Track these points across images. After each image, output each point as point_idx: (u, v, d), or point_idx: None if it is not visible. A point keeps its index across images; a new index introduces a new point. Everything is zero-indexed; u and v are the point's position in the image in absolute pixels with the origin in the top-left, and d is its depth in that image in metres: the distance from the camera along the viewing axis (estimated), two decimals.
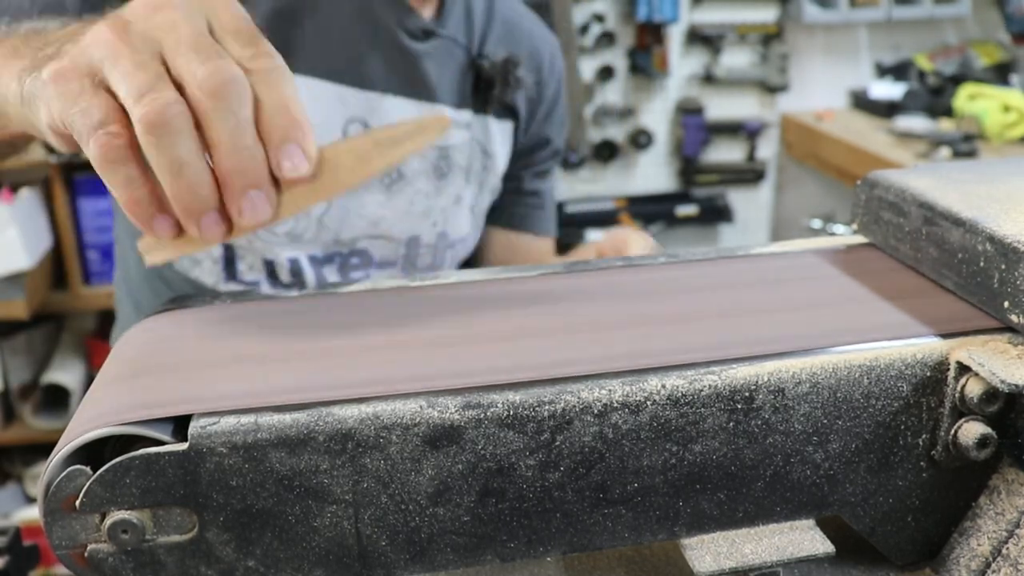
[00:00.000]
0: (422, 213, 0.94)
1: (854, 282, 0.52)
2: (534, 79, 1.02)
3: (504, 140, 1.02)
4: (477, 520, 0.42)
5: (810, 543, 0.44)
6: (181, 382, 0.42)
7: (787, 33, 2.72)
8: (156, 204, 0.42)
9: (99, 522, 0.39)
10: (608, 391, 0.41)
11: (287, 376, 0.42)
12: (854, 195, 0.59)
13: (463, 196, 0.98)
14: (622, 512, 0.43)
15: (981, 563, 0.45)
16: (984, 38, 2.84)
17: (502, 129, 1.01)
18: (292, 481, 0.40)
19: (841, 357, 0.43)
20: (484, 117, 0.98)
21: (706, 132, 2.72)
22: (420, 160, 0.92)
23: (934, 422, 0.45)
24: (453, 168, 0.95)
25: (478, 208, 1.02)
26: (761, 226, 2.93)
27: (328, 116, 0.87)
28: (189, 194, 0.41)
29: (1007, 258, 0.45)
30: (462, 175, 0.97)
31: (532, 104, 1.04)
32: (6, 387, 2.03)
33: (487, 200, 1.03)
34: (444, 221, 0.96)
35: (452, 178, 0.96)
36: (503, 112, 1.00)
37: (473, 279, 0.55)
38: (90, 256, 2.01)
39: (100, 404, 0.41)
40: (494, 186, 1.03)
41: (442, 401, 0.40)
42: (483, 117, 0.98)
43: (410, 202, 0.93)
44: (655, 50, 2.61)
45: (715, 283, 0.53)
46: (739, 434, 0.43)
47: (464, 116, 0.96)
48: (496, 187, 1.04)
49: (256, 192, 0.42)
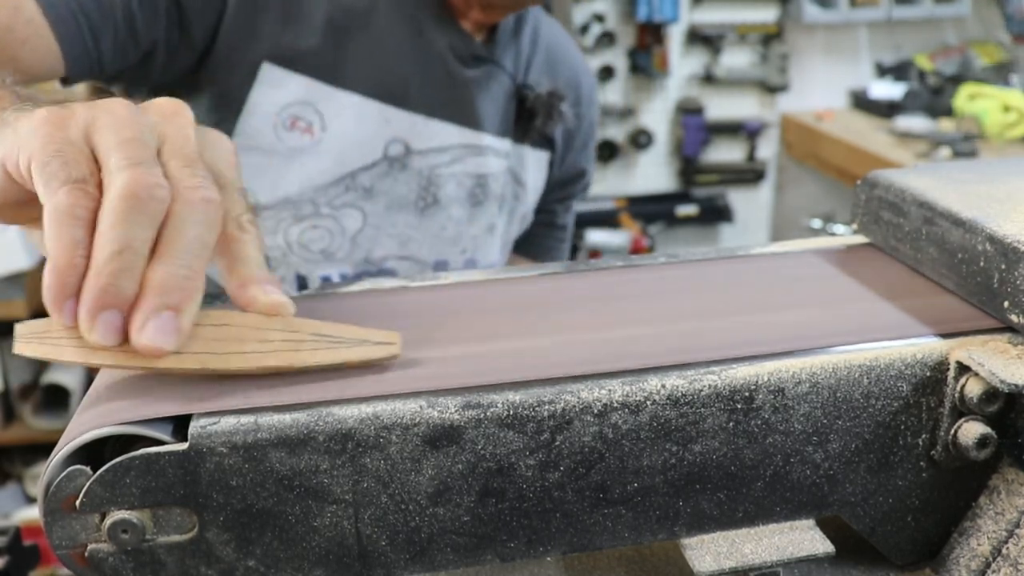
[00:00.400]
0: (452, 239, 0.94)
1: (854, 282, 0.52)
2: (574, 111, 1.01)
3: (539, 170, 1.02)
4: (477, 520, 0.42)
5: (810, 543, 0.44)
6: (181, 382, 0.42)
7: (787, 33, 2.73)
8: (77, 284, 0.37)
9: (99, 522, 0.39)
10: (608, 391, 0.41)
11: (287, 376, 0.42)
12: (854, 195, 0.59)
13: (496, 225, 0.97)
14: (622, 512, 0.43)
15: (981, 563, 0.45)
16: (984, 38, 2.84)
17: (537, 159, 1.01)
18: (292, 481, 0.40)
19: (841, 357, 0.43)
20: (521, 147, 0.98)
21: (706, 132, 2.72)
22: (456, 186, 0.92)
23: (934, 422, 0.45)
24: (489, 197, 0.95)
25: (507, 237, 1.02)
26: (761, 226, 2.93)
27: (372, 135, 0.87)
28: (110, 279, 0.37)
29: (1007, 258, 0.45)
30: (496, 204, 0.96)
31: (569, 135, 1.04)
32: (6, 387, 2.03)
33: (516, 229, 1.03)
34: (474, 249, 0.96)
35: (487, 207, 0.95)
36: (540, 142, 1.00)
37: (473, 279, 0.55)
38: None
39: (100, 404, 0.41)
40: (524, 215, 1.03)
41: (442, 401, 0.40)
42: (520, 147, 0.98)
43: (442, 227, 0.93)
44: (655, 50, 2.61)
45: (715, 283, 0.53)
46: (739, 434, 0.43)
47: (504, 145, 0.95)
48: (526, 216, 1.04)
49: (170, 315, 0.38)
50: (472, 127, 0.92)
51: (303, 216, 0.87)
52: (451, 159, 0.91)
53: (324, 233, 0.88)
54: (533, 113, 0.95)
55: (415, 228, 0.91)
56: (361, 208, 0.89)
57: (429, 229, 0.92)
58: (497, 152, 0.95)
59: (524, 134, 0.97)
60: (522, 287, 0.53)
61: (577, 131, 1.05)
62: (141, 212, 0.37)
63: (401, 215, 0.90)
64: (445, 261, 0.94)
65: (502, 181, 0.96)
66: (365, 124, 0.87)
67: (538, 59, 0.98)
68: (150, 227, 0.38)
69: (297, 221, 0.87)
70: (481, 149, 0.93)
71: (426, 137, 0.89)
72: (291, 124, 0.85)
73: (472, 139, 0.92)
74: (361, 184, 0.88)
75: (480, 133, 0.92)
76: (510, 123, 0.96)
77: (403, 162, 0.89)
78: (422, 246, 0.92)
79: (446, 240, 0.93)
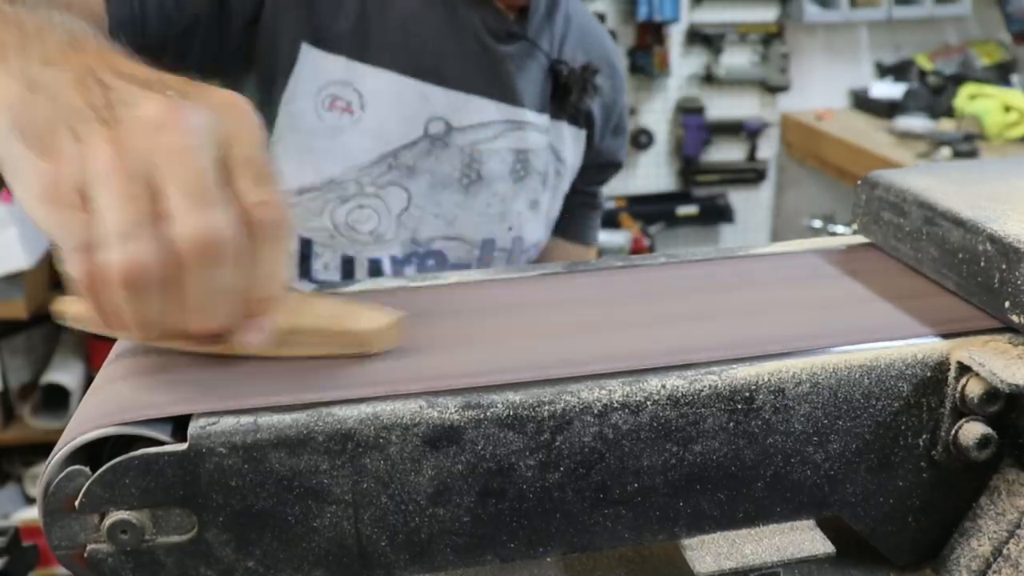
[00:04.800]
0: (498, 216, 0.94)
1: (854, 282, 0.52)
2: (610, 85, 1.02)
3: (576, 147, 1.02)
4: (477, 520, 0.42)
5: (810, 543, 0.44)
6: (181, 382, 0.42)
7: (787, 33, 2.72)
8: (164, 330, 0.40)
9: (98, 522, 0.39)
10: (608, 391, 0.41)
11: (287, 376, 0.42)
12: (854, 195, 0.58)
13: (540, 201, 0.98)
14: (622, 512, 0.43)
15: (982, 563, 0.45)
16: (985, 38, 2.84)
17: (575, 136, 1.01)
18: (292, 481, 0.40)
19: (841, 357, 0.43)
20: (559, 123, 0.98)
21: (706, 132, 2.72)
22: (500, 162, 0.93)
23: (934, 422, 0.45)
24: (531, 172, 0.95)
25: (551, 214, 1.02)
26: (761, 226, 2.93)
27: (412, 113, 0.88)
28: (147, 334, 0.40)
29: (1007, 258, 0.45)
30: (539, 180, 0.97)
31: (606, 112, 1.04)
32: (6, 387, 2.03)
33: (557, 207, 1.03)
34: (520, 226, 0.96)
35: (529, 182, 0.96)
36: (577, 119, 1.01)
37: (473, 280, 0.55)
38: None
39: (99, 404, 0.41)
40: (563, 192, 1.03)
41: (442, 401, 0.40)
42: (558, 123, 0.98)
43: (487, 204, 0.93)
44: (655, 50, 2.61)
45: (715, 283, 0.53)
46: (739, 434, 0.43)
47: (543, 120, 0.96)
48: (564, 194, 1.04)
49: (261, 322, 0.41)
50: (511, 103, 0.92)
51: (348, 196, 0.88)
52: (493, 135, 0.92)
53: (371, 213, 0.89)
54: (568, 88, 0.96)
55: (460, 206, 0.92)
56: (405, 187, 0.89)
57: (474, 207, 0.92)
58: (537, 127, 0.95)
59: (561, 110, 0.98)
60: (522, 287, 0.53)
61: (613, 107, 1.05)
62: (214, 261, 0.37)
63: (446, 194, 0.91)
64: (492, 240, 0.95)
65: (543, 157, 0.96)
66: (404, 102, 0.88)
67: (571, 37, 0.99)
68: (225, 265, 0.38)
69: (343, 202, 0.88)
70: (521, 125, 0.94)
71: (466, 114, 0.90)
72: (331, 104, 0.86)
73: (512, 115, 0.93)
74: (404, 163, 0.89)
75: (520, 109, 0.93)
76: (547, 99, 0.96)
77: (444, 140, 0.90)
78: (468, 225, 0.93)
79: (492, 217, 0.94)
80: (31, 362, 2.08)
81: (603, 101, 1.02)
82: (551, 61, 0.96)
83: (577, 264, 0.57)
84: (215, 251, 0.37)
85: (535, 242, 0.99)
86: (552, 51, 0.96)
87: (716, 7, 2.66)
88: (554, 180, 0.99)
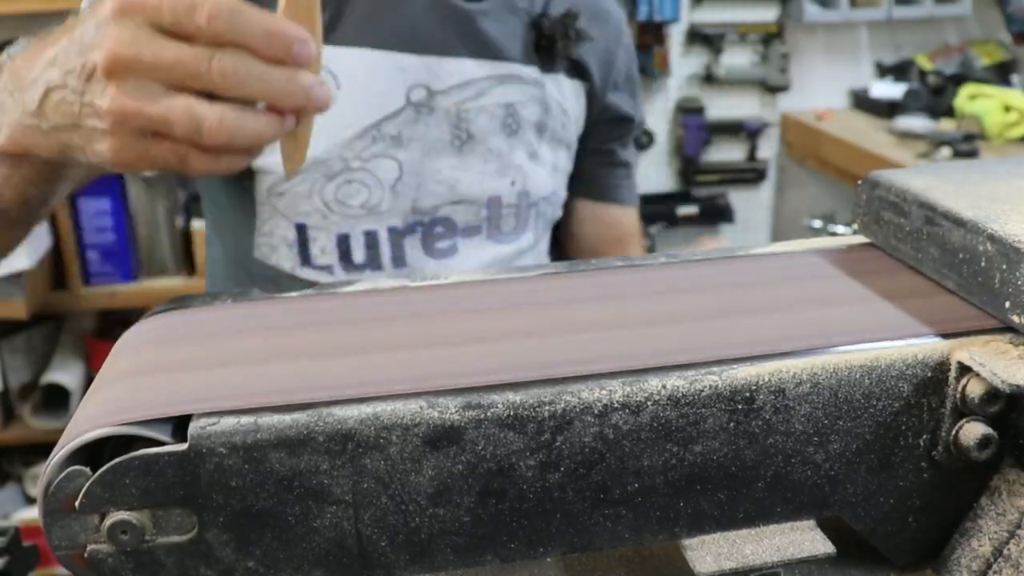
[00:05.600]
0: (498, 171, 0.94)
1: (855, 282, 0.52)
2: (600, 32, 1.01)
3: (576, 99, 1.02)
4: (477, 520, 0.42)
5: (811, 544, 0.44)
6: (181, 382, 0.42)
7: (787, 33, 2.72)
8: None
9: (99, 523, 0.39)
10: (608, 391, 0.41)
11: (287, 376, 0.42)
12: (854, 195, 0.58)
13: (539, 153, 0.97)
14: (622, 512, 0.43)
15: (982, 564, 0.45)
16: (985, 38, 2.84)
17: (575, 88, 1.01)
18: (292, 481, 0.40)
19: (842, 357, 0.43)
20: (556, 76, 0.98)
21: (706, 132, 2.72)
22: (489, 119, 0.93)
23: (935, 422, 0.45)
24: (523, 124, 0.95)
25: (559, 166, 1.01)
26: (761, 226, 2.93)
27: (389, 85, 0.88)
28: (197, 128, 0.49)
29: (1008, 258, 0.45)
30: (533, 131, 0.96)
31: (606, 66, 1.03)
32: (6, 387, 2.03)
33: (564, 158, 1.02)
34: (523, 180, 0.96)
35: (523, 134, 0.95)
36: (574, 71, 1.00)
37: (473, 279, 0.55)
38: (90, 256, 2.01)
39: (100, 404, 0.41)
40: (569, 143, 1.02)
41: (442, 401, 0.40)
42: (555, 76, 0.98)
43: (484, 161, 0.93)
44: (655, 50, 2.61)
45: (715, 283, 0.53)
46: (740, 434, 0.43)
47: (531, 72, 0.96)
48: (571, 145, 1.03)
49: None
50: (490, 58, 0.92)
51: (334, 173, 0.88)
52: (476, 93, 0.92)
53: (360, 187, 0.89)
54: (552, 37, 0.96)
55: (458, 169, 0.92)
56: (394, 157, 0.89)
57: (472, 166, 0.92)
58: (523, 79, 0.95)
59: (552, 61, 0.97)
60: (522, 287, 0.53)
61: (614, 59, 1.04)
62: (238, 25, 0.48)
63: (442, 159, 0.91)
64: (498, 196, 0.94)
65: (537, 109, 0.96)
66: (379, 76, 0.88)
67: None
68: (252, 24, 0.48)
69: (329, 179, 0.88)
70: (503, 79, 0.93)
71: (445, 76, 0.90)
72: None
73: (495, 69, 0.92)
74: (387, 133, 0.89)
75: (500, 63, 0.93)
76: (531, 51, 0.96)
77: (429, 105, 0.90)
78: (471, 185, 0.93)
79: (492, 174, 0.94)
80: (31, 362, 2.08)
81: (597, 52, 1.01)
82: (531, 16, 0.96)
83: (577, 264, 0.57)
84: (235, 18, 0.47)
85: (544, 195, 0.99)
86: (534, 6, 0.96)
87: (716, 7, 2.66)
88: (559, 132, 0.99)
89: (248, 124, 0.49)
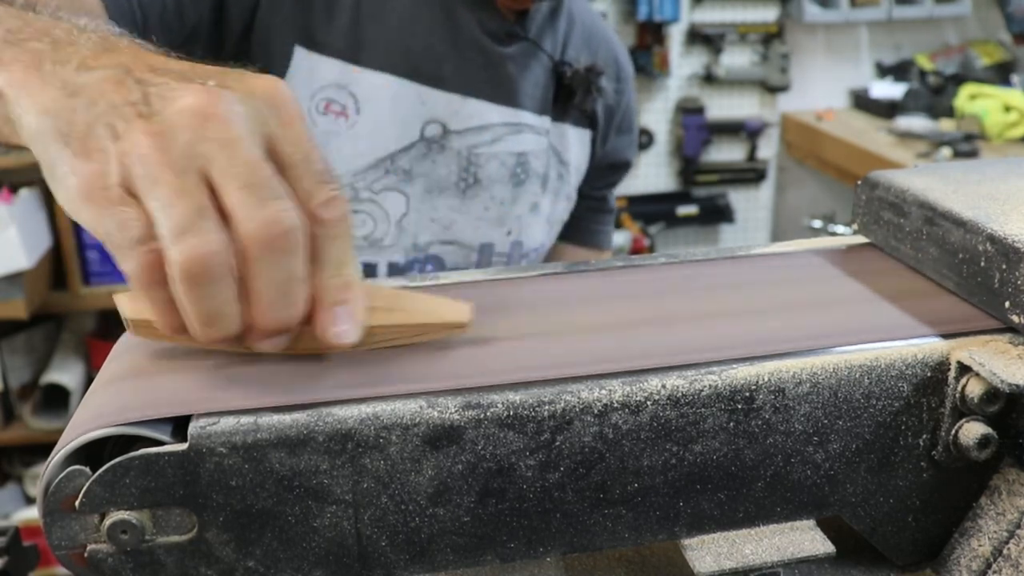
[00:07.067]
0: (496, 220, 0.93)
1: (854, 282, 0.52)
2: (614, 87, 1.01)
3: (581, 148, 1.01)
4: (477, 520, 0.42)
5: (810, 543, 0.44)
6: (181, 382, 0.42)
7: (787, 33, 2.72)
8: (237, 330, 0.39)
9: (98, 522, 0.39)
10: (608, 391, 0.41)
11: (287, 376, 0.42)
12: (854, 195, 0.58)
13: (540, 205, 0.97)
14: (622, 512, 0.43)
15: (982, 563, 0.45)
16: (985, 38, 2.84)
17: (579, 137, 1.00)
18: (292, 481, 0.40)
19: (842, 357, 0.43)
20: (561, 124, 0.97)
21: (706, 132, 2.72)
22: (499, 166, 0.91)
23: (935, 422, 0.45)
24: (530, 176, 0.94)
25: (554, 217, 1.01)
26: (761, 226, 2.93)
27: (407, 116, 0.87)
28: (216, 336, 0.38)
29: (1008, 258, 0.45)
30: (539, 183, 0.96)
31: (610, 112, 1.03)
32: (6, 387, 2.03)
33: (562, 209, 1.02)
34: (520, 230, 0.95)
35: (529, 186, 0.95)
36: (582, 120, 0.99)
37: (473, 280, 0.55)
38: (90, 256, 2.01)
39: (100, 404, 0.41)
40: (568, 195, 1.02)
41: (442, 401, 0.40)
42: (560, 124, 0.97)
43: (484, 208, 0.92)
44: (655, 50, 2.61)
45: (715, 283, 0.53)
46: (739, 434, 0.43)
47: (544, 123, 0.95)
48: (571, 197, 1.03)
49: (281, 338, 0.40)
50: (511, 105, 0.91)
51: None
52: (492, 139, 0.91)
53: (366, 218, 0.88)
54: (572, 90, 0.95)
55: (457, 211, 0.91)
56: (403, 192, 0.88)
57: (472, 211, 0.91)
58: (537, 130, 0.94)
59: (564, 112, 0.97)
60: (522, 287, 0.53)
61: (617, 107, 1.04)
62: (284, 252, 0.37)
63: (442, 198, 0.90)
64: (491, 244, 0.94)
65: (543, 160, 0.95)
66: (400, 105, 0.86)
67: (575, 37, 0.98)
68: (296, 254, 0.37)
69: None
70: (520, 127, 0.92)
71: (464, 117, 0.89)
72: (325, 107, 0.85)
73: (511, 117, 0.91)
74: (400, 167, 0.87)
75: (519, 111, 0.92)
76: (549, 101, 0.95)
77: (441, 143, 0.89)
78: (466, 229, 0.91)
79: (490, 221, 0.93)
80: (31, 362, 2.08)
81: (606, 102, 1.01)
82: (554, 62, 0.94)
83: (577, 264, 0.57)
84: (284, 242, 0.36)
85: (535, 247, 0.98)
86: (555, 52, 0.95)
87: (716, 7, 2.66)
88: (556, 183, 0.98)
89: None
